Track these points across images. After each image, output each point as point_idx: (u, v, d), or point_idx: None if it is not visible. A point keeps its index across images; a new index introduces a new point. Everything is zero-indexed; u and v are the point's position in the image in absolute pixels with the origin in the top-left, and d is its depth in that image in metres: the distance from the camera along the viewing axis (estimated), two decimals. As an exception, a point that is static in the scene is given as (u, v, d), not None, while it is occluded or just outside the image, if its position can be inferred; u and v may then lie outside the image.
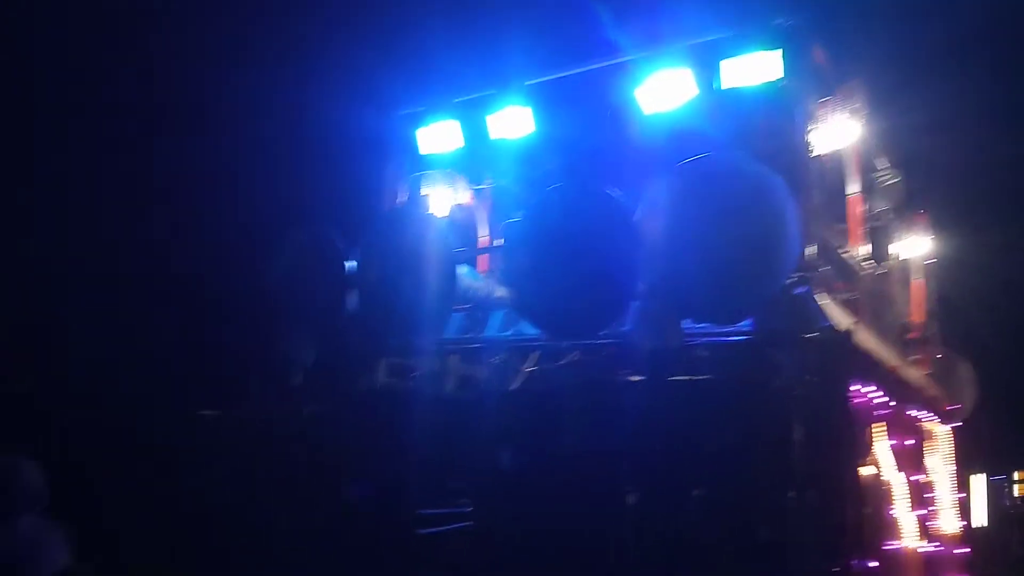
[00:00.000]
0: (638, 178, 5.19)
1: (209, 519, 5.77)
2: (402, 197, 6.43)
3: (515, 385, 5.56)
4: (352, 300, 5.81)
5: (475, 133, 6.15)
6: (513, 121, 5.98)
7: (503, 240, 5.62)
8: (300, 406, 5.99)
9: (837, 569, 4.55)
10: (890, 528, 5.63)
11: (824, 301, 4.95)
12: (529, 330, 5.50)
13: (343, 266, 5.84)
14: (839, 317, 5.04)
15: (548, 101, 5.92)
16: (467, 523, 4.98)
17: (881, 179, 6.79)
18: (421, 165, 6.44)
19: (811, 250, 4.92)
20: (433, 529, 5.02)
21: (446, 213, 6.49)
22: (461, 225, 6.48)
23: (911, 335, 7.22)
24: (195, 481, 5.97)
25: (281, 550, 5.53)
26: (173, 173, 6.90)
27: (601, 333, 4.91)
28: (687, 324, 4.88)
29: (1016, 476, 11.19)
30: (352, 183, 6.38)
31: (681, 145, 5.17)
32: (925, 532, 6.26)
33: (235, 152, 6.61)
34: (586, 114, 5.96)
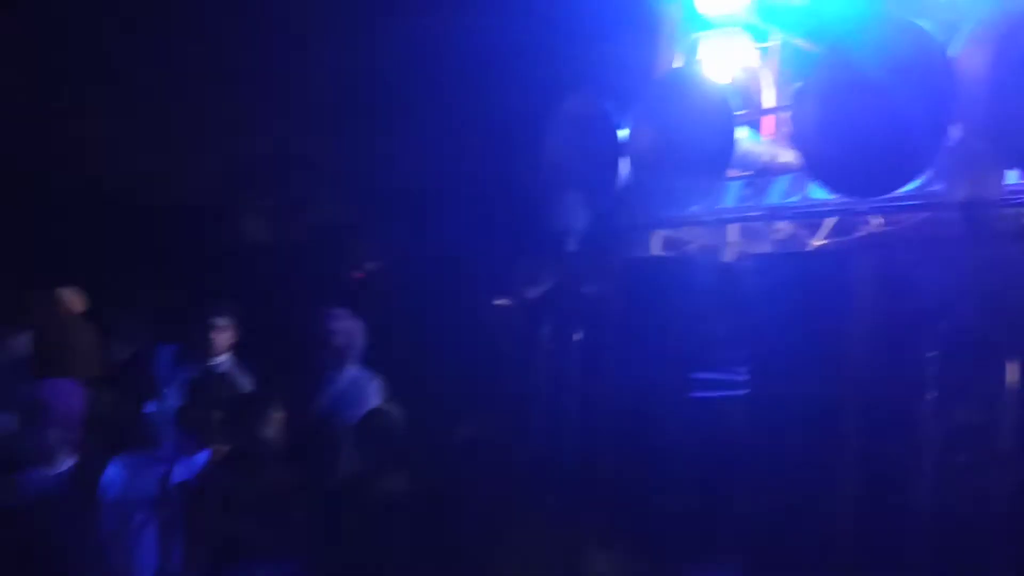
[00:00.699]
0: (949, 13, 4.48)
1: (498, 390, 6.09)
2: (678, 60, 6.09)
3: (802, 252, 5.14)
4: (625, 170, 5.65)
5: (759, -14, 5.64)
6: (803, -33, 5.40)
7: (792, 101, 5.13)
8: (576, 283, 6.01)
9: None
10: None
11: None
12: (818, 195, 5.02)
13: (616, 135, 5.68)
14: None
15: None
16: (742, 391, 4.73)
17: None
18: (699, 25, 6.03)
19: None
20: (706, 394, 4.84)
21: (728, 76, 6.04)
22: (743, 87, 6.01)
23: None
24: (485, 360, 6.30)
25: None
26: (445, 56, 7.03)
27: (904, 190, 4.34)
28: (1014, 177, 4.17)
29: None
30: (626, 48, 6.14)
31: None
32: None
33: (508, 24, 6.59)
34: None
